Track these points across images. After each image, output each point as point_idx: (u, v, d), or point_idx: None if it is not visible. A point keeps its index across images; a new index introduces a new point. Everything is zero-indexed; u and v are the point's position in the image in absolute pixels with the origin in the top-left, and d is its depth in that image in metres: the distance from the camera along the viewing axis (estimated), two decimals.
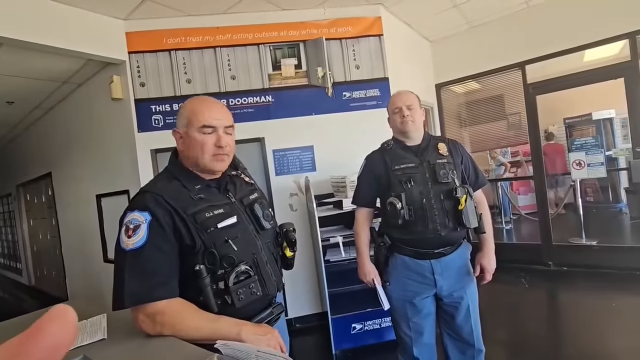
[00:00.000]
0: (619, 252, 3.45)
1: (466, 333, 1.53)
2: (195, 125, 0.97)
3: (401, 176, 1.49)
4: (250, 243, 1.02)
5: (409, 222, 1.45)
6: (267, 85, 2.99)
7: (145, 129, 2.83)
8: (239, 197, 1.09)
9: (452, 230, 1.46)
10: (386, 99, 3.11)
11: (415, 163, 1.50)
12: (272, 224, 1.11)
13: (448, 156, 1.52)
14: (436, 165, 1.48)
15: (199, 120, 0.97)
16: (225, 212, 0.99)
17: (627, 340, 2.28)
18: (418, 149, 1.55)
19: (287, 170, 3.02)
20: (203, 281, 0.90)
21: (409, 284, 1.52)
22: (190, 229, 0.92)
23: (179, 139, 1.01)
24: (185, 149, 1.00)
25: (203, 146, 0.97)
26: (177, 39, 2.87)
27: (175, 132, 1.01)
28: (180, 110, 1.02)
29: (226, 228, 0.97)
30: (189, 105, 1.02)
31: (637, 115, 3.19)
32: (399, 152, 1.55)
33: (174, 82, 2.87)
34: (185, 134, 0.99)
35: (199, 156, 0.98)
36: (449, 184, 1.46)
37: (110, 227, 3.33)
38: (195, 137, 0.97)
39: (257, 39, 2.98)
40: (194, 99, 1.04)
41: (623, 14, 3.12)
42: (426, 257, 1.49)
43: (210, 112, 0.98)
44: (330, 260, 2.61)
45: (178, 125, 1.01)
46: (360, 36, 3.10)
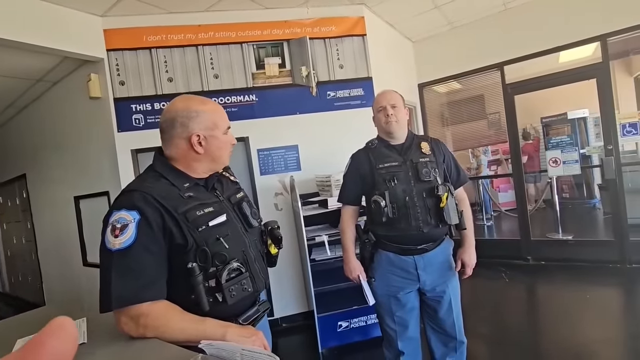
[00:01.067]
0: (592, 246, 3.60)
1: (449, 326, 1.58)
2: (222, 127, 1.04)
3: (385, 175, 1.52)
4: (239, 241, 1.03)
5: (392, 219, 1.48)
6: (250, 85, 2.97)
7: (125, 128, 2.76)
8: (227, 195, 1.09)
9: (434, 227, 1.50)
10: (370, 98, 3.15)
11: (399, 162, 1.54)
12: (258, 222, 1.12)
13: (430, 155, 1.56)
14: (419, 164, 1.52)
15: (225, 123, 1.05)
16: (215, 211, 0.99)
17: (598, 331, 2.38)
18: (402, 148, 1.58)
19: (271, 170, 3.01)
20: (195, 279, 0.90)
21: (393, 279, 1.56)
22: (181, 228, 0.91)
23: (196, 142, 0.99)
24: (207, 151, 1.02)
25: (227, 145, 1.06)
26: (157, 36, 2.82)
27: (195, 135, 0.99)
28: (194, 113, 0.99)
29: (217, 226, 0.97)
30: (205, 108, 1.02)
31: (608, 115, 3.33)
32: (383, 150, 1.58)
33: (155, 81, 2.82)
34: (210, 136, 1.01)
35: (223, 155, 1.06)
36: (431, 182, 1.50)
37: (89, 230, 3.24)
38: (223, 138, 1.05)
39: (240, 38, 2.96)
40: (203, 102, 1.04)
41: (595, 17, 3.26)
42: (410, 253, 1.52)
43: (225, 114, 1.08)
44: (316, 259, 2.62)
45: (196, 129, 0.99)
46: (343, 36, 3.12)
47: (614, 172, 3.31)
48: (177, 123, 0.98)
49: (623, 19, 3.15)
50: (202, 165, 1.03)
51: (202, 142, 1.00)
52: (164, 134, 1.02)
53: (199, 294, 0.90)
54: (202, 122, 0.99)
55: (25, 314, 1.28)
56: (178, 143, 1.00)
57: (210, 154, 1.02)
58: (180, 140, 0.99)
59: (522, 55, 3.63)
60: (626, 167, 3.47)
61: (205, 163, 1.03)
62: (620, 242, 3.36)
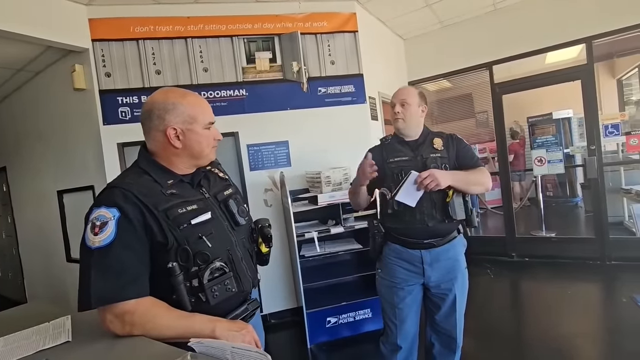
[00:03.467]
0: (574, 243, 3.70)
1: (450, 326, 1.58)
2: (202, 122, 1.00)
3: (394, 168, 1.54)
4: (224, 239, 1.01)
5: (398, 211, 1.50)
6: (241, 79, 2.93)
7: (111, 121, 2.69)
8: (213, 192, 1.07)
9: (440, 222, 1.51)
10: (361, 95, 3.16)
11: (410, 157, 1.56)
12: (247, 220, 1.10)
13: (443, 150, 1.57)
14: (428, 159, 1.53)
15: (207, 117, 1.01)
16: (199, 208, 0.97)
17: (579, 325, 2.47)
18: (415, 144, 1.60)
19: (261, 166, 2.99)
20: (176, 279, 0.88)
21: (397, 271, 1.57)
22: (162, 226, 0.89)
23: (173, 135, 0.96)
24: (185, 145, 0.98)
25: (208, 141, 1.02)
26: (145, 27, 2.75)
27: (171, 128, 0.96)
28: (171, 105, 0.96)
29: (200, 224, 0.95)
30: (184, 101, 0.98)
31: (592, 115, 3.42)
32: (396, 146, 1.61)
33: (143, 73, 2.75)
34: (187, 130, 0.98)
35: (204, 150, 1.02)
36: None
37: (73, 225, 3.16)
38: (202, 133, 1.00)
39: (231, 31, 2.91)
40: (184, 94, 1.00)
41: (580, 20, 3.32)
42: (417, 247, 1.54)
43: (209, 108, 1.04)
44: (306, 255, 2.62)
45: (173, 122, 0.96)
46: (335, 31, 3.10)
47: (596, 172, 3.40)
48: (154, 115, 0.95)
49: (608, 22, 3.22)
50: (182, 160, 1.01)
51: (180, 135, 0.96)
52: (143, 126, 0.99)
53: (180, 294, 0.88)
54: (179, 115, 0.96)
55: (7, 311, 1.25)
56: (155, 136, 0.97)
57: (189, 149, 0.99)
58: (157, 133, 0.96)
59: (511, 55, 3.69)
60: (607, 167, 3.58)
61: (184, 158, 1.00)
62: (600, 239, 3.46)
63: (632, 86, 6.06)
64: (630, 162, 3.74)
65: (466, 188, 1.51)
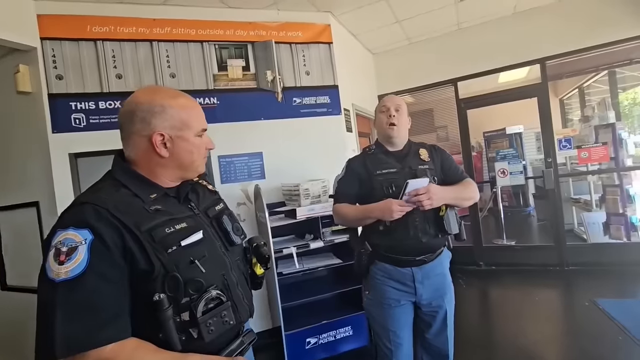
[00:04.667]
0: (535, 251, 3.90)
1: (441, 343, 1.52)
2: (195, 129, 0.88)
3: (383, 181, 1.45)
4: (219, 262, 0.87)
5: (390, 227, 1.41)
6: (212, 86, 2.77)
7: (62, 129, 2.40)
8: (203, 208, 0.93)
9: (433, 237, 1.45)
10: (336, 106, 3.13)
11: (397, 168, 1.48)
12: (242, 239, 0.97)
13: (430, 162, 1.52)
14: (418, 171, 1.47)
15: (200, 123, 0.89)
16: (188, 227, 0.83)
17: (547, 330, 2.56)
18: (400, 155, 1.54)
19: (234, 178, 2.82)
20: (164, 314, 0.73)
21: (388, 292, 1.47)
22: (146, 250, 0.74)
23: (159, 142, 0.82)
24: (173, 154, 0.85)
25: (199, 149, 0.90)
26: (105, 27, 2.52)
27: (157, 134, 0.82)
28: (159, 108, 0.82)
29: (191, 246, 0.81)
30: (174, 103, 0.85)
31: (547, 130, 3.67)
32: (381, 157, 1.52)
33: (101, 77, 2.50)
34: (177, 137, 0.85)
35: (195, 161, 0.89)
36: None
37: (13, 246, 2.73)
38: (194, 141, 0.88)
39: (201, 36, 2.76)
40: (174, 95, 0.87)
41: (536, 42, 3.59)
42: (408, 265, 1.45)
43: (202, 114, 0.92)
44: (284, 272, 2.47)
45: (160, 127, 0.82)
46: (310, 42, 3.06)
47: (553, 183, 3.64)
48: (137, 118, 0.81)
49: (559, 45, 3.51)
50: (168, 171, 0.87)
51: (167, 143, 0.83)
52: (122, 130, 0.85)
53: (169, 331, 0.73)
54: (169, 119, 0.83)
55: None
56: (137, 142, 0.83)
57: (177, 159, 0.86)
58: (139, 138, 0.82)
59: (474, 72, 3.88)
60: (561, 177, 3.84)
61: (171, 169, 0.87)
62: (559, 246, 3.68)
63: (572, 105, 6.70)
64: (582, 174, 4.05)
65: (460, 203, 1.48)
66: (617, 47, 3.43)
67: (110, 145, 2.44)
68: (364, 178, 1.49)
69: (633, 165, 3.77)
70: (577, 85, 5.69)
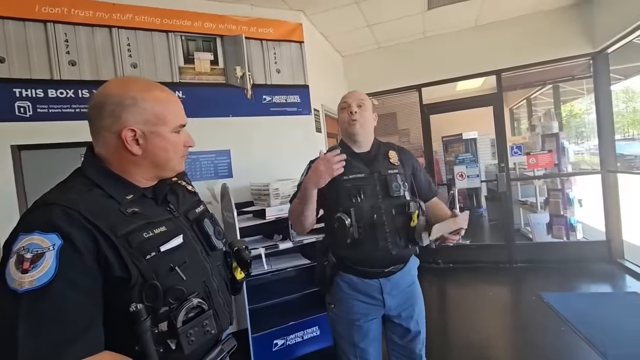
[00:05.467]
0: (488, 249, 4.17)
1: (414, 353, 1.44)
2: (172, 124, 0.80)
3: (350, 188, 1.33)
4: (200, 269, 0.82)
5: (357, 240, 1.30)
6: (177, 79, 2.64)
7: (3, 118, 2.15)
8: (183, 210, 0.87)
9: (404, 248, 1.35)
10: (307, 106, 3.11)
11: (366, 173, 1.36)
12: (224, 243, 0.93)
13: (399, 166, 1.42)
14: (388, 177, 1.36)
15: (178, 118, 0.82)
16: (168, 231, 0.77)
17: (499, 323, 2.76)
18: (368, 157, 1.42)
19: (199, 176, 2.71)
20: (142, 325, 0.67)
21: (355, 305, 1.37)
22: (122, 256, 0.68)
23: (130, 139, 0.75)
24: (147, 152, 0.78)
25: (177, 147, 0.82)
26: (57, 9, 2.29)
27: (128, 129, 0.74)
28: (130, 100, 0.75)
29: (171, 251, 0.75)
30: (148, 95, 0.77)
31: (501, 137, 3.94)
32: (347, 159, 1.34)
33: (52, 63, 2.28)
34: (151, 133, 0.77)
35: (171, 159, 0.81)
36: (401, 197, 1.35)
37: None
38: (170, 138, 0.81)
39: (166, 26, 2.61)
40: (148, 86, 0.79)
41: (494, 54, 3.84)
42: (375, 276, 1.35)
43: (181, 108, 0.85)
44: (252, 273, 2.41)
45: (131, 121, 0.75)
46: (281, 40, 3.02)
47: (505, 186, 3.91)
48: (106, 111, 0.74)
49: (514, 58, 3.78)
50: (142, 170, 0.80)
51: (140, 139, 0.76)
52: (91, 124, 0.77)
53: (146, 344, 0.68)
54: (141, 113, 0.76)
55: None
56: (107, 138, 0.76)
57: (151, 157, 0.79)
58: (109, 134, 0.75)
59: (437, 80, 4.06)
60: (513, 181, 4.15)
61: (145, 168, 0.80)
62: (509, 245, 3.97)
63: (520, 115, 7.26)
64: (529, 178, 4.40)
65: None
66: (562, 64, 3.76)
67: (61, 138, 2.26)
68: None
69: (573, 172, 4.17)
70: (525, 96, 6.18)
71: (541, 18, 3.68)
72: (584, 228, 4.22)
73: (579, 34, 3.59)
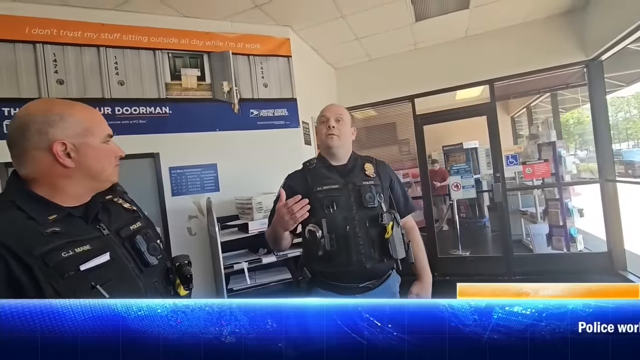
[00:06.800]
0: (486, 261, 4.08)
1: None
2: (99, 134, 0.84)
3: (323, 199, 1.33)
4: (130, 285, 0.81)
5: (330, 252, 1.29)
6: (164, 95, 2.69)
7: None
8: (115, 228, 0.87)
9: (378, 262, 1.32)
10: (294, 119, 3.13)
11: (340, 184, 1.36)
12: (159, 259, 0.92)
13: (375, 178, 1.41)
14: (362, 188, 1.35)
15: (104, 129, 0.86)
16: (92, 249, 0.77)
17: None
18: (344, 170, 1.42)
19: (185, 190, 2.73)
20: None
21: None
22: (36, 277, 0.68)
23: (62, 152, 0.76)
24: (80, 164, 0.80)
25: (108, 156, 0.86)
26: (46, 30, 2.37)
27: (59, 143, 0.76)
28: (57, 117, 0.77)
29: (93, 270, 0.75)
30: (73, 110, 0.80)
31: (495, 147, 3.89)
32: (323, 171, 1.40)
33: (40, 82, 2.35)
34: (81, 144, 0.80)
35: (105, 168, 0.85)
36: (375, 208, 1.34)
37: None
38: (101, 147, 0.84)
39: (153, 44, 2.68)
40: (71, 104, 0.82)
41: (485, 64, 3.82)
42: (350, 293, 1.32)
43: (103, 120, 0.88)
44: (234, 289, 2.40)
45: (60, 135, 0.76)
46: (268, 55, 3.06)
47: (501, 196, 3.84)
48: (31, 131, 0.75)
49: (506, 67, 3.76)
50: (76, 183, 0.81)
51: (71, 152, 0.78)
52: (13, 147, 0.77)
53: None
54: (69, 127, 0.78)
55: None
56: (35, 157, 0.76)
57: (85, 168, 0.80)
58: (37, 152, 0.76)
59: (429, 90, 4.05)
60: (509, 191, 4.07)
61: (79, 181, 0.81)
62: (506, 257, 3.87)
63: (522, 123, 7.17)
64: (527, 188, 4.32)
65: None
66: (556, 72, 3.72)
67: None
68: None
69: (571, 181, 4.07)
70: (525, 104, 6.11)
71: (533, 27, 3.66)
72: (587, 239, 4.10)
73: (571, 42, 3.55)
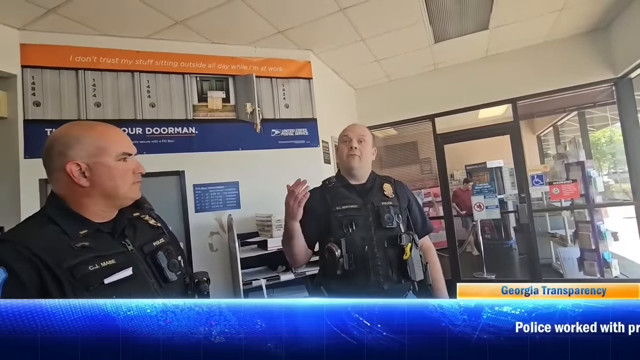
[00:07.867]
0: None
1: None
2: (113, 152, 0.86)
3: (342, 218, 1.33)
4: None
5: (348, 272, 1.28)
6: (191, 116, 2.83)
7: (35, 154, 2.39)
8: (139, 244, 0.91)
9: (396, 283, 1.30)
10: (315, 138, 3.20)
11: (359, 204, 1.36)
12: (179, 275, 0.96)
13: (394, 198, 1.41)
14: (380, 208, 1.35)
15: (119, 146, 0.87)
16: (117, 264, 0.82)
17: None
18: (363, 189, 1.42)
19: (208, 207, 2.81)
20: None
21: None
22: (64, 288, 0.73)
23: (77, 172, 0.82)
24: (94, 183, 0.84)
25: (125, 175, 0.87)
26: (87, 58, 2.59)
27: (72, 163, 0.81)
28: (74, 139, 0.83)
29: (117, 284, 0.79)
30: (91, 132, 0.85)
31: (520, 167, 3.79)
32: (342, 191, 1.40)
33: (79, 105, 2.54)
34: (95, 164, 0.83)
35: (119, 187, 0.86)
36: (394, 229, 1.33)
37: None
38: (115, 166, 0.86)
39: (183, 68, 2.85)
40: (91, 126, 0.88)
41: (507, 83, 3.79)
42: None
43: (124, 138, 0.91)
44: None
45: (75, 157, 0.82)
46: (290, 77, 3.18)
47: (527, 217, 3.71)
48: (54, 152, 0.81)
49: (529, 86, 3.71)
50: (95, 202, 0.85)
51: (86, 172, 0.82)
52: (46, 168, 0.85)
53: None
54: (84, 148, 0.82)
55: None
56: (58, 177, 0.83)
57: (99, 187, 0.84)
58: (59, 173, 0.82)
59: (449, 110, 4.04)
60: (536, 212, 3.92)
61: (96, 199, 0.85)
62: (534, 281, 3.69)
63: (549, 142, 6.96)
64: (555, 209, 4.15)
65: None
66: (582, 90, 3.63)
67: None
68: (322, 213, 1.34)
69: (602, 203, 3.88)
70: (552, 123, 5.95)
71: (555, 46, 3.62)
72: (623, 264, 3.85)
73: (597, 60, 3.48)
